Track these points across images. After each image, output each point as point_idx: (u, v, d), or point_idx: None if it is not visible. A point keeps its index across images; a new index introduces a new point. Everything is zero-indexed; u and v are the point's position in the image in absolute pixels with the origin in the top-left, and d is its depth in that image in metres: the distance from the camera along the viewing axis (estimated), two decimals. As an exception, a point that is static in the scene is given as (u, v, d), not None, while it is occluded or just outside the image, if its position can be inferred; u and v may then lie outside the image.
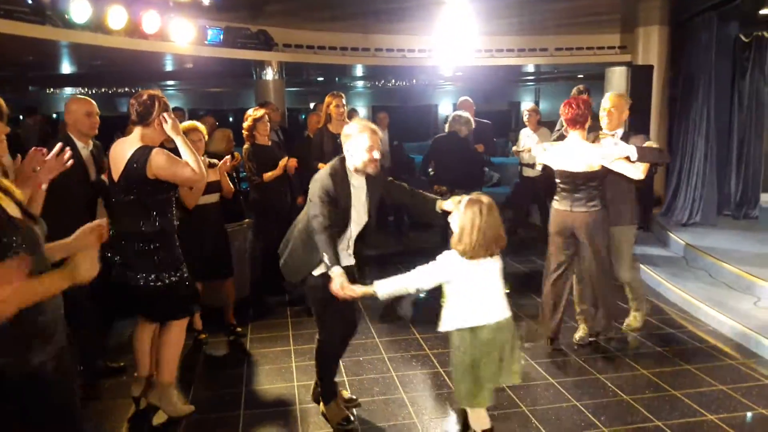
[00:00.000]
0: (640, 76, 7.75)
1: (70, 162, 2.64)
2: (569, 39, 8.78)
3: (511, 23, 7.84)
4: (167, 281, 3.36)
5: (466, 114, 6.21)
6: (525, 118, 7.58)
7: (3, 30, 4.97)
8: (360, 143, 3.16)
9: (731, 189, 8.02)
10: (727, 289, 5.45)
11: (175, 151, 3.38)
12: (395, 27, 7.99)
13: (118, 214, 3.41)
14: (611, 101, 4.39)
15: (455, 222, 2.78)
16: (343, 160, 3.27)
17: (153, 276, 3.34)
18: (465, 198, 2.79)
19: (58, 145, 2.63)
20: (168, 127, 3.30)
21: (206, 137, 4.49)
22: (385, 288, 2.85)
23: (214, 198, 4.55)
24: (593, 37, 8.69)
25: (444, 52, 8.49)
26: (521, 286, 6.10)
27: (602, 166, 4.06)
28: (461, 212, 2.74)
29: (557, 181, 4.24)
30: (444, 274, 2.79)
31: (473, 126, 6.38)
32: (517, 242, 7.58)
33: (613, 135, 4.27)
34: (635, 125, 7.80)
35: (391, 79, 15.48)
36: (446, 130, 6.44)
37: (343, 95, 5.76)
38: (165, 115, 3.29)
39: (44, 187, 2.51)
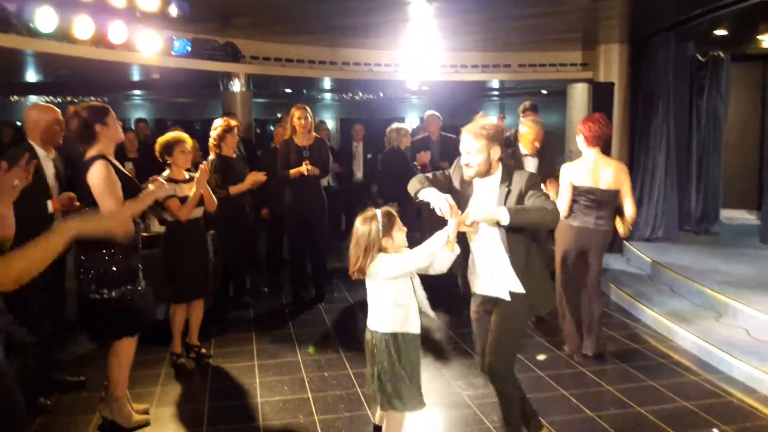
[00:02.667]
0: (601, 93, 7.94)
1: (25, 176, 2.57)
2: (532, 56, 8.94)
3: (476, 40, 7.96)
4: (107, 296, 3.30)
5: (403, 126, 6.55)
6: None
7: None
8: (461, 145, 2.96)
9: (692, 205, 8.23)
10: (689, 304, 5.56)
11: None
12: (362, 41, 8.04)
13: None
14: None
15: None
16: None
17: (94, 288, 3.30)
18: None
19: (25, 155, 2.56)
20: (151, 189, 3.46)
21: (190, 148, 4.38)
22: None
23: (199, 212, 4.34)
24: (556, 54, 8.87)
25: (410, 67, 8.59)
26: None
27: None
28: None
29: (578, 198, 4.29)
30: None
31: (407, 136, 6.74)
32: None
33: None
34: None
35: (359, 92, 15.55)
36: (386, 144, 6.72)
37: (307, 108, 5.77)
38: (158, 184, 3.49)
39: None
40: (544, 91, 12.54)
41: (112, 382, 3.50)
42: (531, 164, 5.11)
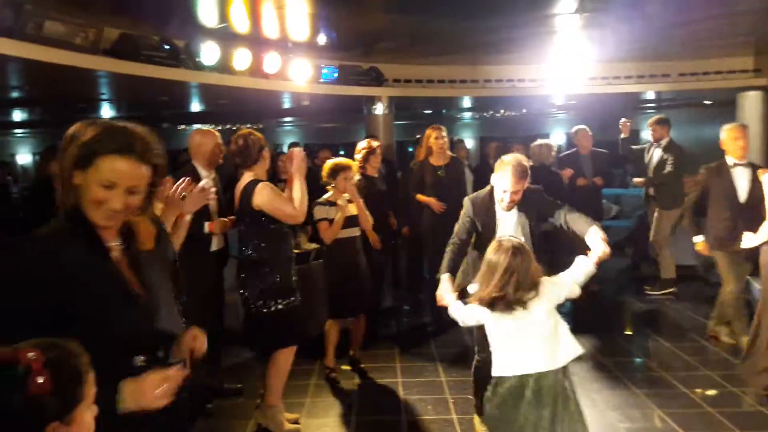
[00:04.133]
0: (778, 102, 7.13)
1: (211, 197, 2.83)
2: (694, 63, 8.25)
3: (630, 49, 7.50)
4: (272, 308, 3.52)
5: (549, 142, 6.39)
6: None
7: (145, 74, 5.44)
8: (498, 180, 3.33)
9: None
10: None
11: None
12: (504, 57, 7.90)
13: (239, 242, 3.67)
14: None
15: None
16: (492, 188, 3.45)
17: (260, 302, 3.52)
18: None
19: (205, 180, 2.81)
20: (293, 167, 3.55)
21: (356, 174, 4.54)
22: (452, 306, 2.89)
23: (354, 232, 4.50)
24: (722, 61, 8.10)
25: (556, 81, 8.27)
26: (645, 326, 5.77)
27: None
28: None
29: None
30: (476, 317, 2.69)
31: (554, 151, 6.47)
32: (639, 279, 7.19)
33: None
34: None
35: (500, 110, 15.31)
36: (531, 162, 6.50)
37: (443, 128, 5.84)
38: (295, 153, 3.58)
39: (188, 218, 2.69)
40: (707, 102, 11.55)
41: (268, 391, 3.69)
42: (743, 177, 4.61)
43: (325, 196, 4.43)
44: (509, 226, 3.37)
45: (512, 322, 2.55)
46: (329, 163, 4.47)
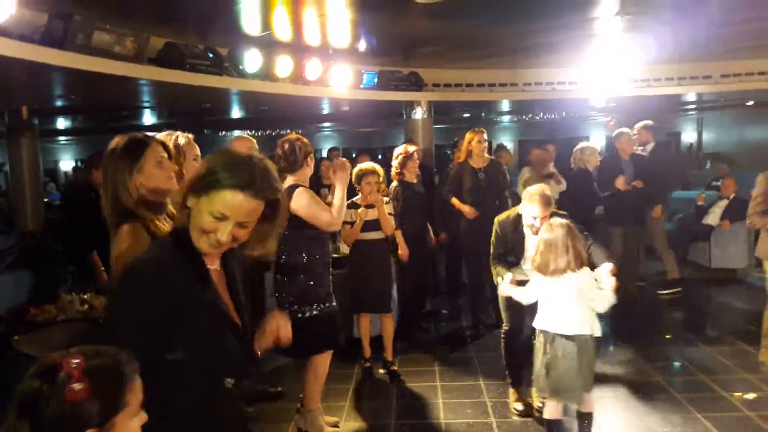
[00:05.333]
0: (827, 102, 6.92)
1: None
2: (737, 64, 8.04)
3: (672, 51, 7.38)
4: (308, 314, 3.56)
5: (589, 145, 6.34)
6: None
7: (190, 82, 5.58)
8: (527, 209, 3.67)
9: None
10: None
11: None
12: (544, 60, 7.85)
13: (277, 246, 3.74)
14: None
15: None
16: (518, 212, 3.85)
17: (295, 307, 3.55)
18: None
19: None
20: (335, 176, 3.63)
21: (382, 179, 4.65)
22: (509, 290, 3.60)
23: (378, 235, 4.62)
24: (766, 62, 7.91)
25: (597, 83, 8.19)
26: (684, 329, 5.67)
27: None
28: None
29: None
30: (531, 288, 3.39)
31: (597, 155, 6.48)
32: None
33: None
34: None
35: (539, 113, 15.19)
36: (572, 166, 6.49)
37: (484, 131, 5.85)
38: (339, 164, 3.70)
39: None
40: (750, 103, 11.26)
41: (307, 395, 3.74)
42: None
43: (352, 199, 4.54)
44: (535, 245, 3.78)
45: (551, 285, 3.22)
46: (356, 169, 4.56)
